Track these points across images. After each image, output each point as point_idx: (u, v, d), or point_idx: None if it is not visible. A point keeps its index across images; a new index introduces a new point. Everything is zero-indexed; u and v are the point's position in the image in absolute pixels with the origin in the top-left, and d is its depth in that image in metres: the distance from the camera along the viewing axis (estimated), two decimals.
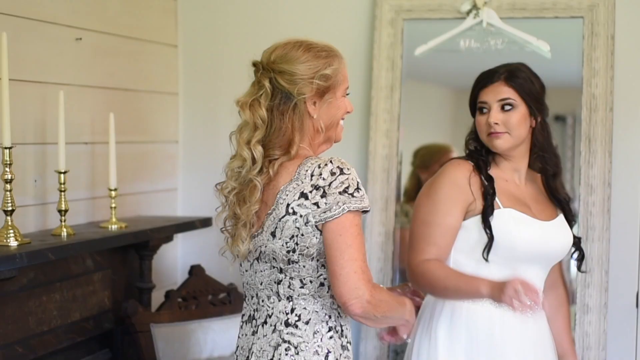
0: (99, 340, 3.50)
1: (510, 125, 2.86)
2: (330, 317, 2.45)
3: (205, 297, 3.76)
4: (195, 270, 3.80)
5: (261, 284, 2.47)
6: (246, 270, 2.52)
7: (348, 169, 2.36)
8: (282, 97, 2.41)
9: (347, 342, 2.49)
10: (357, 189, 2.35)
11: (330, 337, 2.44)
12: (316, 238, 2.37)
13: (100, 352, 3.50)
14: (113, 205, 3.47)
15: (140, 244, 3.57)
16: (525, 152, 2.96)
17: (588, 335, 3.64)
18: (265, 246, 2.42)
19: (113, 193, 3.46)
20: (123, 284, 3.62)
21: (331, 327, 2.44)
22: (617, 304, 3.69)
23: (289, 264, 2.40)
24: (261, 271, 2.46)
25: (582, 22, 3.72)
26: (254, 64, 2.48)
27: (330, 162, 2.36)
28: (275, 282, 2.43)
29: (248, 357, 2.49)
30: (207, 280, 3.80)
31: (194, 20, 4.23)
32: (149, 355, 3.46)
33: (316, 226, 2.35)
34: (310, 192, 2.34)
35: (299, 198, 2.35)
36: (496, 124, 2.86)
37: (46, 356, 3.19)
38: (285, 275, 2.41)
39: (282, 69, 2.41)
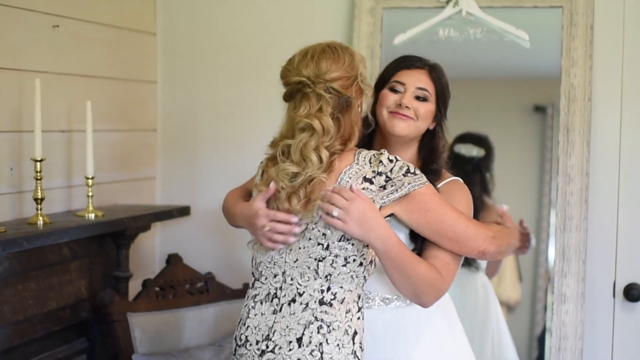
0: (75, 330, 3.48)
1: (419, 113, 2.77)
2: (359, 297, 2.56)
3: (182, 286, 3.75)
4: (173, 259, 3.78)
5: (295, 261, 2.55)
6: (272, 249, 2.59)
7: (398, 157, 2.57)
8: (339, 102, 2.57)
9: (364, 326, 2.59)
10: (416, 168, 2.58)
11: (359, 318, 2.55)
12: None
13: (76, 341, 3.49)
14: (90, 193, 3.45)
15: (117, 233, 3.55)
16: (410, 149, 2.85)
17: (565, 325, 3.65)
18: (316, 223, 2.53)
19: (90, 181, 3.45)
20: (100, 272, 3.60)
21: (360, 307, 2.55)
22: (594, 293, 3.71)
23: (339, 241, 2.51)
24: (300, 248, 2.55)
25: (561, 11, 3.72)
26: (299, 82, 2.57)
27: (383, 151, 2.57)
28: (315, 259, 2.52)
29: (268, 335, 2.55)
30: (184, 269, 3.79)
31: (173, 8, 4.21)
32: (126, 344, 3.44)
33: (380, 209, 2.51)
34: (374, 177, 2.53)
35: (362, 182, 2.52)
36: (407, 107, 2.76)
37: (22, 345, 3.18)
38: (330, 253, 2.52)
39: (334, 77, 2.56)
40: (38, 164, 3.19)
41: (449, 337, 2.79)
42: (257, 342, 2.57)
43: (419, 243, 2.68)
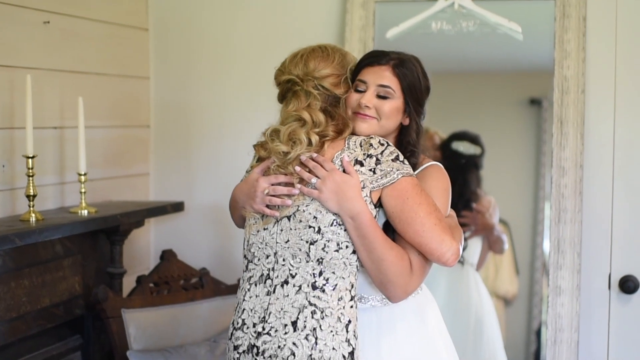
0: (69, 326, 3.48)
1: (381, 112, 2.67)
2: (352, 286, 2.57)
3: (177, 282, 3.74)
4: (167, 255, 3.78)
5: (286, 242, 2.56)
6: (264, 229, 2.61)
7: (389, 142, 2.62)
8: (328, 97, 2.64)
9: (357, 316, 2.59)
10: (404, 158, 2.61)
11: (352, 307, 2.55)
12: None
13: (70, 338, 3.49)
14: (83, 190, 3.44)
15: (110, 229, 3.54)
16: None
17: (560, 317, 3.64)
18: (307, 205, 2.55)
19: (83, 178, 3.44)
20: (93, 269, 3.59)
21: (352, 296, 2.56)
22: (590, 286, 3.70)
23: (331, 226, 2.53)
24: (291, 229, 2.56)
25: (553, 3, 3.71)
26: (289, 81, 2.65)
27: (374, 135, 2.62)
28: (307, 242, 2.54)
29: (264, 317, 2.56)
30: (178, 265, 3.78)
31: (165, 4, 4.20)
32: (121, 341, 3.44)
33: (370, 194, 2.54)
34: (365, 159, 2.56)
35: (354, 165, 2.56)
36: (367, 106, 2.66)
37: (16, 343, 3.17)
38: (322, 237, 2.54)
39: (323, 75, 2.64)
40: (30, 160, 3.18)
41: (421, 330, 2.75)
42: (254, 325, 2.58)
43: (391, 235, 2.64)
